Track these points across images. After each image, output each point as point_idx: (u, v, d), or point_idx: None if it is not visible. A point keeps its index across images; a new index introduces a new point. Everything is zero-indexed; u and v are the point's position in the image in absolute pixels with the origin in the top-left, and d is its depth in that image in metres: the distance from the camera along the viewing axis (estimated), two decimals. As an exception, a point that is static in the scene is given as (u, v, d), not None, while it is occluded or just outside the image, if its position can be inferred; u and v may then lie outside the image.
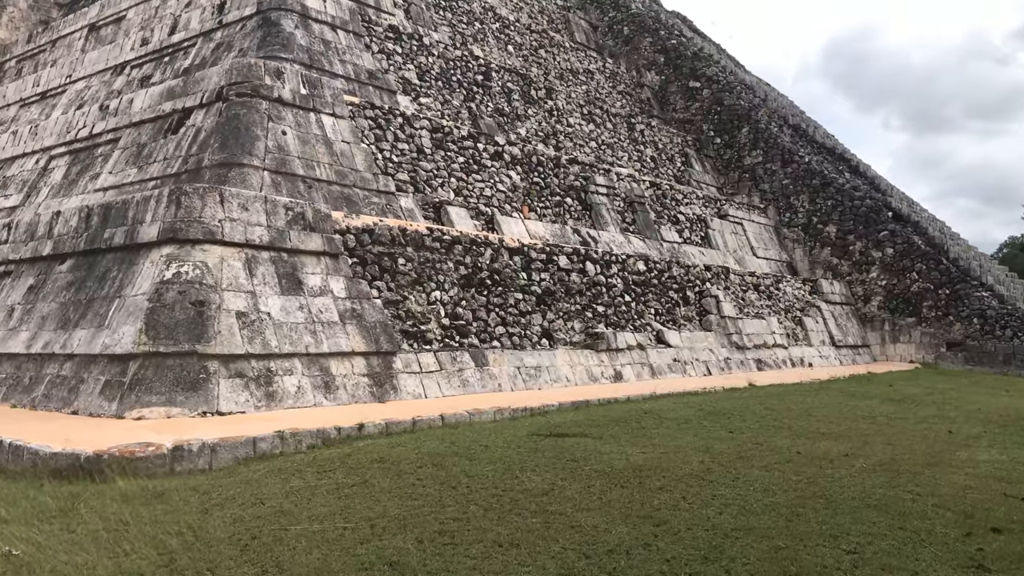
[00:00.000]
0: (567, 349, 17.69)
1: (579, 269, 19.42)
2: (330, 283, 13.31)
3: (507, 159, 21.87)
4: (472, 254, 16.49)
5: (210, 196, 12.18)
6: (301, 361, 12.23)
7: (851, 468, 9.97)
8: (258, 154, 15.22)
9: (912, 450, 11.54)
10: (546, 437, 11.24)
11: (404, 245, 15.15)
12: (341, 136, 17.12)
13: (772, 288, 27.59)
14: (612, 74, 36.42)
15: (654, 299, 21.57)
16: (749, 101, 37.46)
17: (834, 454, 10.95)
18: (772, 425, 13.52)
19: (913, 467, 10.24)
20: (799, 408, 15.79)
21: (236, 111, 15.65)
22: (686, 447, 10.96)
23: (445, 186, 19.59)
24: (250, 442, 9.47)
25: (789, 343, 26.14)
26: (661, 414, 14.00)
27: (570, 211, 23.31)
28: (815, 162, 35.23)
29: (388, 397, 13.12)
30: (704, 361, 21.47)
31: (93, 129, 18.91)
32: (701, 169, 35.15)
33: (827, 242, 33.33)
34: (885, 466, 10.20)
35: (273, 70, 16.45)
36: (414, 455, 9.46)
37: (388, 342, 13.62)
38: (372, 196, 17.04)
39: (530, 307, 17.46)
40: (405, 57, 23.30)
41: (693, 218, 28.92)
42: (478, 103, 24.94)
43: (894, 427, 13.96)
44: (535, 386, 16.06)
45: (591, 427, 12.34)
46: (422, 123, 19.77)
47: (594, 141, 29.58)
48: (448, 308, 15.53)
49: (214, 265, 11.87)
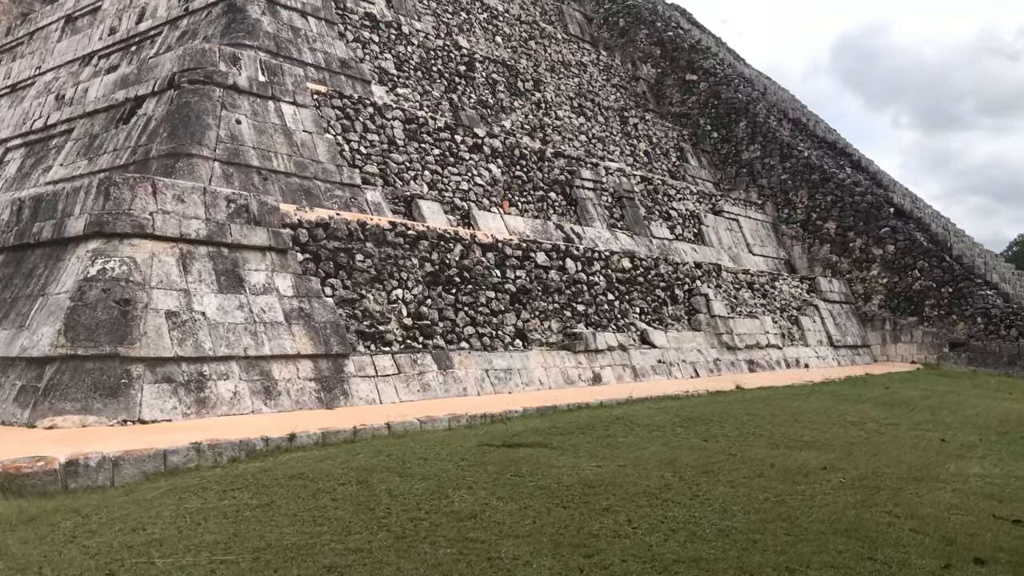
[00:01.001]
0: (542, 350, 16.77)
1: (558, 266, 18.50)
2: (276, 280, 12.43)
3: (487, 152, 20.96)
4: (440, 250, 15.59)
5: (141, 187, 11.32)
6: (239, 364, 11.35)
7: (826, 484, 9.04)
8: (208, 144, 14.35)
9: (898, 461, 10.60)
10: (498, 448, 10.34)
11: (363, 240, 14.26)
12: (303, 126, 16.24)
13: (767, 286, 26.61)
14: (606, 67, 35.47)
15: (639, 298, 20.63)
16: (747, 94, 36.44)
17: (812, 466, 10.02)
18: (751, 433, 12.59)
19: (896, 482, 9.30)
20: (785, 413, 14.84)
21: (187, 99, 14.79)
22: (649, 459, 10.05)
23: (418, 179, 18.70)
24: (160, 455, 8.59)
25: (784, 343, 25.16)
26: (633, 420, 13.08)
27: (554, 206, 22.38)
28: (815, 157, 34.20)
29: (337, 403, 12.24)
30: (691, 362, 20.53)
31: (48, 120, 18.10)
32: (697, 164, 34.16)
33: (826, 239, 32.31)
34: (865, 481, 9.26)
35: (229, 56, 15.58)
36: (340, 471, 8.57)
37: (339, 344, 12.74)
38: (335, 189, 16.16)
39: (503, 306, 16.55)
40: (382, 46, 22.42)
41: (686, 214, 27.95)
42: (460, 94, 24.03)
43: (883, 435, 13.01)
44: (505, 390, 15.16)
45: (553, 435, 11.43)
46: (395, 113, 18.88)
47: (584, 135, 28.64)
48: (411, 307, 14.64)
49: (143, 261, 11.01)
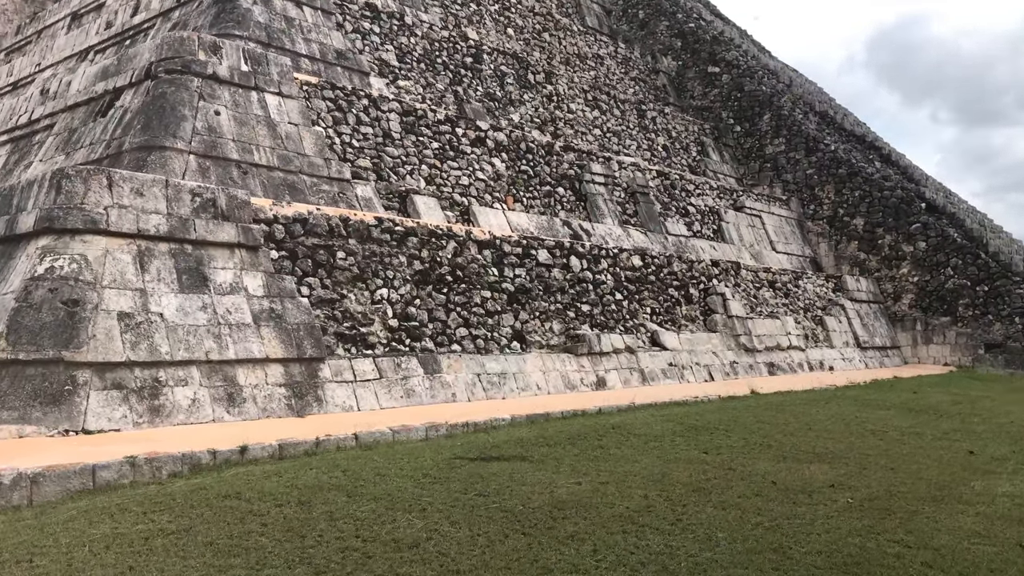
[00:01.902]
0: (541, 353, 15.84)
1: (562, 264, 17.56)
2: (244, 279, 11.63)
3: (491, 145, 20.08)
4: (430, 247, 14.73)
5: (95, 180, 10.58)
6: (199, 369, 10.57)
7: (831, 505, 8.03)
8: (183, 136, 13.61)
9: (917, 477, 9.54)
10: (471, 461, 9.45)
11: (345, 237, 13.44)
12: (288, 118, 15.47)
13: (790, 285, 25.44)
14: (624, 59, 34.43)
15: (650, 297, 19.62)
16: (772, 87, 35.19)
17: (818, 483, 9.01)
18: (758, 443, 11.58)
19: (911, 503, 8.26)
20: (799, 421, 13.79)
21: (163, 89, 14.07)
22: (636, 474, 9.10)
23: (415, 174, 17.86)
24: (87, 471, 7.81)
25: (807, 345, 23.98)
26: (630, 429, 12.12)
27: (562, 202, 21.44)
28: (842, 150, 32.88)
29: (310, 410, 11.42)
30: (706, 365, 19.48)
31: (32, 115, 17.52)
32: (719, 159, 33.00)
33: (854, 236, 31.00)
34: (876, 502, 8.24)
35: (209, 44, 14.85)
36: (282, 489, 7.72)
37: (314, 347, 11.92)
38: (322, 184, 15.36)
39: (500, 306, 15.65)
40: (383, 37, 21.63)
41: (705, 210, 26.85)
42: (465, 87, 23.18)
43: (904, 445, 11.93)
44: (498, 395, 14.26)
45: (536, 447, 10.52)
46: (391, 105, 18.06)
47: (598, 128, 27.66)
48: (398, 308, 13.79)
49: (95, 259, 10.26)
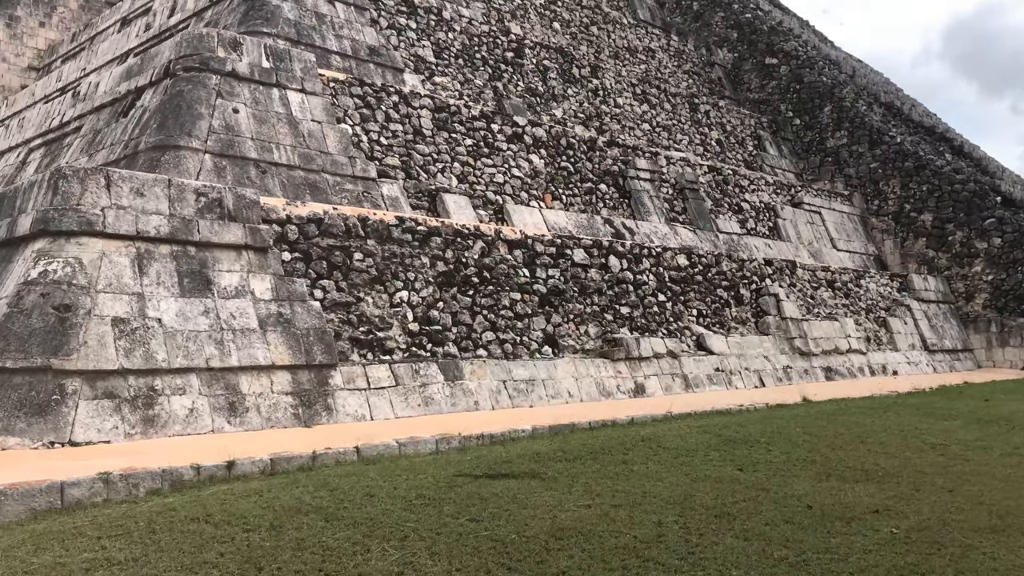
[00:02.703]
0: (575, 358, 15.03)
1: (600, 264, 16.71)
2: (251, 282, 11.11)
3: (528, 141, 19.33)
4: (455, 248, 14.05)
5: (92, 180, 10.16)
6: (199, 377, 10.07)
7: (871, 536, 7.07)
8: (199, 135, 13.20)
9: (977, 502, 8.48)
10: (476, 479, 8.72)
11: (363, 237, 12.85)
12: (311, 115, 14.97)
13: (851, 284, 24.09)
14: (677, 52, 33.31)
15: (697, 298, 18.62)
16: (833, 77, 33.65)
17: (861, 508, 8.03)
18: (801, 459, 10.59)
19: (967, 534, 7.24)
20: (851, 433, 12.70)
21: (180, 87, 13.70)
22: (656, 496, 8.25)
23: (446, 172, 17.22)
24: (55, 489, 7.31)
25: (869, 348, 22.63)
26: (661, 442, 11.24)
27: (604, 199, 20.57)
28: (909, 143, 31.22)
29: (318, 420, 10.84)
30: (756, 371, 18.40)
31: (64, 118, 17.41)
32: (777, 153, 31.66)
33: (922, 232, 29.34)
34: (925, 533, 7.24)
35: (229, 41, 14.44)
36: (258, 510, 7.11)
37: (324, 353, 11.34)
38: (345, 182, 14.82)
39: (531, 309, 14.89)
40: (420, 33, 21.06)
41: (760, 206, 25.65)
42: (505, 82, 22.48)
43: (968, 462, 10.78)
44: (524, 403, 13.51)
45: (553, 462, 9.74)
46: (422, 101, 17.46)
47: (647, 123, 26.67)
48: (419, 311, 13.15)
49: (90, 262, 9.84)
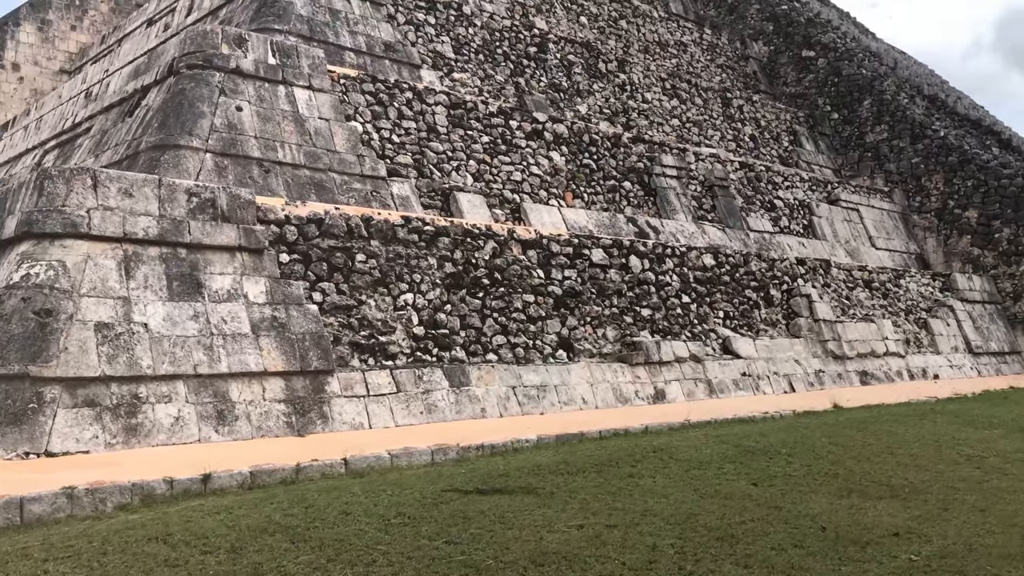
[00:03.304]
0: (591, 363, 14.44)
1: (620, 265, 16.10)
2: (245, 285, 10.72)
3: (548, 138, 18.77)
4: (465, 248, 13.55)
5: (78, 180, 9.85)
6: (186, 384, 9.69)
7: (887, 564, 6.41)
8: (200, 133, 12.87)
9: (1010, 523, 7.74)
10: (465, 494, 8.20)
11: (367, 238, 12.40)
12: (318, 112, 14.58)
13: (889, 284, 23.13)
14: (711, 46, 32.47)
15: (723, 300, 17.90)
16: (873, 70, 32.54)
17: (881, 530, 7.36)
18: (823, 472, 9.90)
19: (995, 562, 6.54)
20: (881, 443, 11.94)
21: (183, 85, 13.39)
22: (657, 514, 7.65)
23: (461, 170, 16.74)
24: (14, 504, 6.95)
25: (908, 351, 21.68)
26: (673, 453, 10.62)
27: (628, 197, 19.92)
28: (953, 136, 30.02)
29: (312, 429, 10.40)
30: (786, 375, 17.62)
31: (76, 118, 17.27)
32: (813, 149, 30.67)
33: (966, 229, 28.16)
34: (947, 560, 6.56)
35: (234, 38, 14.11)
36: (222, 530, 6.66)
37: (321, 358, 10.90)
38: (353, 182, 14.41)
39: (545, 312, 14.34)
40: (439, 28, 20.61)
41: (794, 204, 24.77)
42: (528, 78, 21.93)
43: (1005, 477, 10.00)
44: (535, 410, 12.96)
45: (553, 475, 9.18)
46: (437, 98, 16.99)
47: (677, 118, 25.93)
48: (425, 314, 12.67)
49: (74, 265, 9.52)
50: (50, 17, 34.06)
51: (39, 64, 33.30)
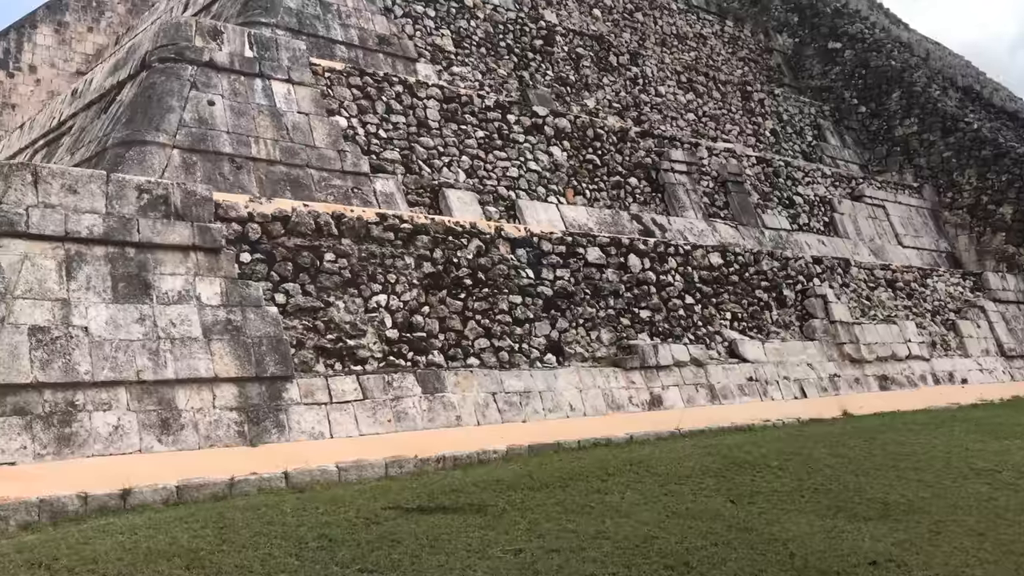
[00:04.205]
0: (582, 367, 13.70)
1: (618, 264, 15.33)
2: (198, 287, 10.17)
3: (549, 133, 18.06)
4: (446, 247, 12.90)
5: (17, 177, 9.37)
6: (128, 391, 9.16)
7: (852, 603, 5.63)
8: (167, 129, 12.37)
9: (1007, 550, 6.89)
10: (407, 512, 7.53)
11: (337, 236, 11.80)
12: (297, 107, 14.03)
13: (915, 284, 22.03)
14: (732, 39, 31.47)
15: (731, 300, 17.03)
16: (903, 61, 31.30)
17: (857, 558, 6.56)
18: (813, 488, 9.09)
19: (982, 601, 5.74)
20: (887, 454, 11.05)
21: (153, 79, 12.92)
22: (611, 537, 6.92)
23: (453, 166, 16.10)
24: (-100, 524, 6.44)
25: (934, 354, 20.58)
26: (653, 466, 9.85)
27: (634, 194, 19.13)
28: (987, 129, 28.72)
29: (267, 438, 9.81)
30: (798, 380, 16.70)
31: (61, 116, 16.95)
32: (839, 143, 29.54)
33: (1000, 226, 26.87)
34: (928, 597, 5.76)
35: (208, 30, 13.61)
36: (118, 554, 6.06)
37: (279, 363, 10.31)
38: (333, 178, 13.83)
39: (533, 313, 13.63)
40: (439, 21, 19.99)
41: (814, 200, 23.75)
42: (533, 71, 21.23)
43: (1017, 494, 9.08)
44: (517, 418, 12.25)
45: (513, 491, 8.47)
46: (429, 91, 16.37)
47: (692, 112, 25.04)
48: (399, 317, 12.03)
49: (9, 265, 9.03)
50: (67, 19, 34.07)
51: (56, 66, 33.32)
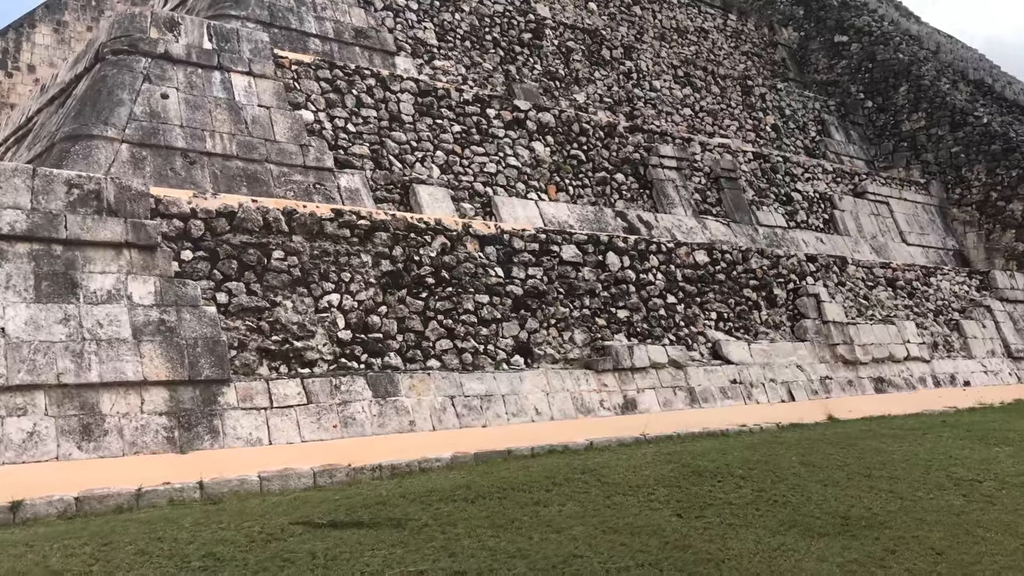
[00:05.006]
0: (552, 369, 13.14)
1: (596, 262, 14.77)
2: (130, 286, 9.72)
3: (532, 128, 17.51)
4: (407, 244, 12.39)
5: (-66, 170, 8.96)
6: (47, 395, 8.72)
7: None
8: (116, 122, 11.95)
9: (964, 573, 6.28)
10: (316, 528, 7.01)
11: (287, 233, 11.33)
12: (257, 100, 13.58)
13: (917, 283, 21.27)
14: (735, 32, 30.76)
15: (717, 300, 16.41)
16: (911, 54, 30.45)
17: (797, 583, 5.98)
18: (772, 499, 8.48)
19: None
20: (863, 463, 10.40)
21: (105, 72, 12.52)
22: (527, 556, 6.37)
23: (427, 161, 15.59)
24: None
25: (935, 355, 19.83)
26: (605, 475, 9.28)
27: (620, 190, 18.53)
28: (998, 123, 27.83)
29: (198, 445, 9.35)
30: (785, 382, 16.05)
31: (28, 112, 16.60)
32: (844, 139, 28.76)
33: (1011, 223, 26.02)
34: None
35: (164, 21, 13.19)
36: (-27, 576, 5.62)
37: (214, 366, 9.84)
38: (293, 173, 13.37)
39: (501, 313, 13.10)
40: (421, 14, 19.50)
41: (813, 197, 23.04)
42: (520, 66, 20.69)
43: (992, 507, 8.43)
44: (477, 423, 11.71)
45: (442, 503, 7.94)
46: (404, 85, 15.88)
47: (689, 107, 24.40)
48: (353, 317, 11.54)
49: (-78, 263, 8.62)
50: (66, 18, 33.93)
51: (55, 65, 33.09)
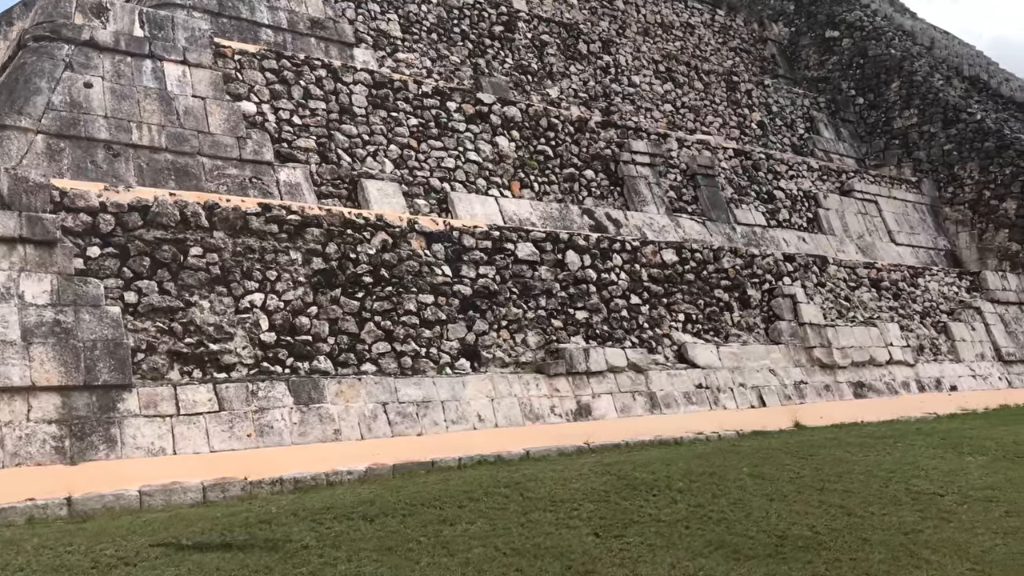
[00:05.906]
0: (499, 374, 12.41)
1: (554, 261, 14.05)
2: (22, 284, 9.05)
3: (496, 122, 16.80)
4: (342, 241, 11.69)
5: None
6: (-80, 403, 8.05)
7: None
8: (32, 112, 11.29)
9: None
10: (179, 550, 6.31)
11: (207, 229, 10.64)
12: (192, 90, 12.91)
13: (903, 284, 20.47)
14: (723, 28, 30.01)
15: (686, 301, 15.66)
16: (904, 50, 29.64)
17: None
18: (707, 516, 7.77)
19: None
20: (818, 475, 9.66)
21: (24, 60, 11.87)
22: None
23: (379, 155, 14.90)
24: None
25: (919, 359, 19.02)
26: (529, 489, 8.56)
27: (589, 187, 17.81)
28: (992, 120, 26.99)
29: (92, 455, 8.65)
30: (756, 387, 15.28)
31: (-31, 107, 15.97)
32: (833, 136, 27.95)
33: (1004, 222, 25.16)
34: None
35: (91, 6, 12.56)
36: None
37: (114, 370, 9.16)
38: (228, 167, 12.69)
39: (447, 314, 12.38)
40: (386, 5, 18.81)
41: (797, 195, 22.27)
42: (490, 59, 19.99)
43: (947, 525, 7.70)
44: (412, 431, 10.99)
45: (336, 521, 7.22)
46: (357, 76, 15.20)
47: (670, 103, 23.65)
48: (279, 318, 10.83)
49: None
50: (43, 17, 33.38)
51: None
